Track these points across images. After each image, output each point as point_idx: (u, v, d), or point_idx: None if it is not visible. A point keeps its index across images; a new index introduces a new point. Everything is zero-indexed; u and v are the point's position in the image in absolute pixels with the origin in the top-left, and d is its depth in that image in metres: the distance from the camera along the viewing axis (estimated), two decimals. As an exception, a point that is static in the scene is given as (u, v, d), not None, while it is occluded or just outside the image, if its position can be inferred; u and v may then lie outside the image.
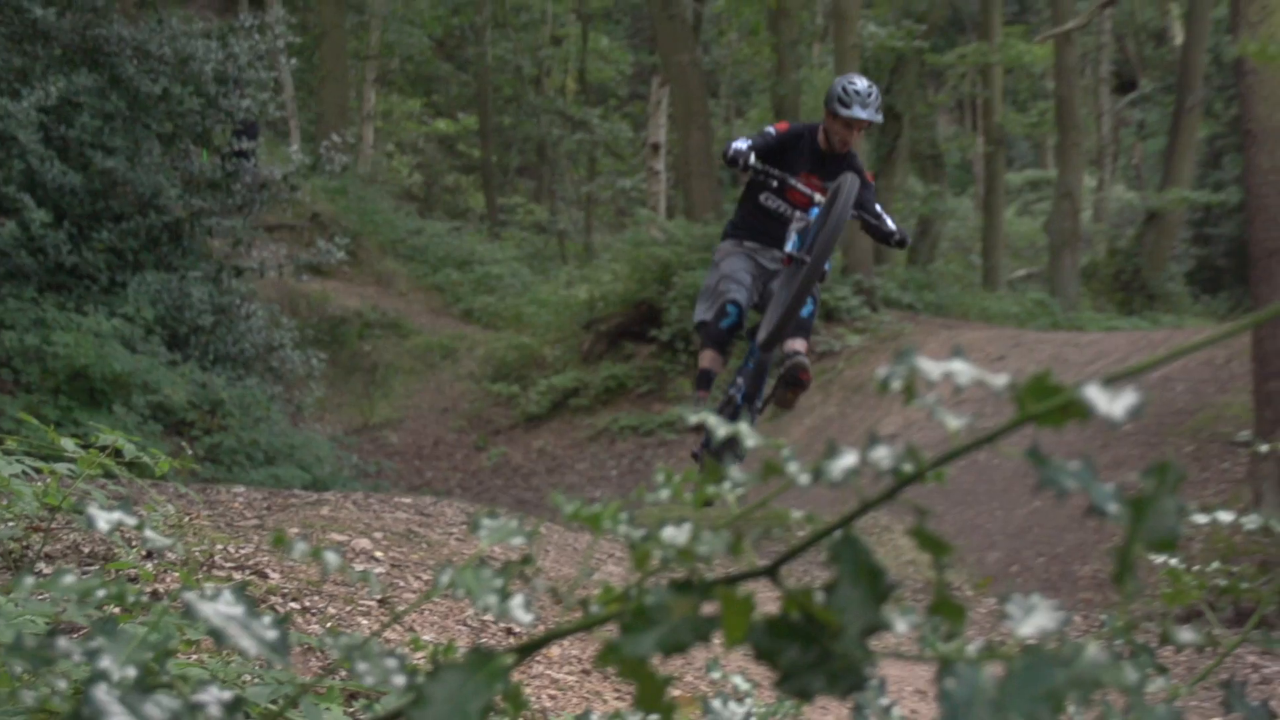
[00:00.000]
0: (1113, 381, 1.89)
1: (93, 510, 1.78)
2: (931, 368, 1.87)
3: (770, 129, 8.73)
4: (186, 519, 7.52)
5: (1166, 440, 17.01)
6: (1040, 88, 37.77)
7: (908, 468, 1.82)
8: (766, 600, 1.40)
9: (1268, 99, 14.10)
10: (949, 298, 26.74)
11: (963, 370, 1.93)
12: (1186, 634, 2.23)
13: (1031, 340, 22.15)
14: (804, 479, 1.89)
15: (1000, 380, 1.95)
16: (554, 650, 6.15)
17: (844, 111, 8.25)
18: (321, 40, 28.41)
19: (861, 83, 8.34)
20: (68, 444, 5.02)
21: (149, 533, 1.99)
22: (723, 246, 9.08)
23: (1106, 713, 1.57)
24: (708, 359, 8.77)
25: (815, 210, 8.58)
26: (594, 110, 38.86)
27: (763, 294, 9.00)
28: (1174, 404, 17.39)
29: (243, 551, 6.94)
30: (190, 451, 9.85)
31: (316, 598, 6.36)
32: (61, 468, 5.15)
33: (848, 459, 1.86)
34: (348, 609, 6.20)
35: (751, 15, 32.10)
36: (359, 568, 7.46)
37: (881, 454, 1.82)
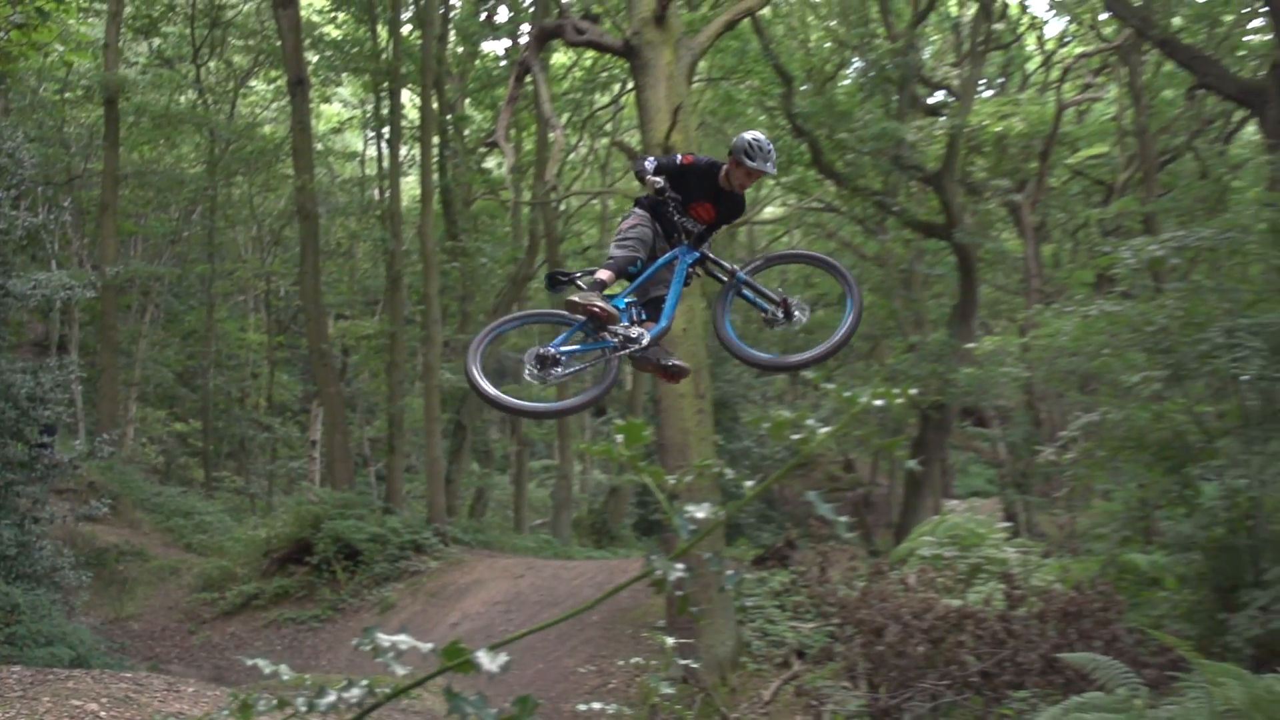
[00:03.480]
0: (496, 646, 2.00)
1: None
2: (384, 639, 1.96)
3: (678, 157, 7.06)
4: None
5: (617, 625, 17.22)
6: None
7: (369, 701, 1.91)
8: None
9: (672, 424, 14.58)
10: (493, 537, 26.74)
11: (404, 640, 2.02)
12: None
13: (540, 564, 22.28)
14: (303, 709, 1.94)
15: (427, 646, 2.04)
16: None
17: (750, 163, 6.77)
18: (101, 373, 27.64)
19: (765, 141, 6.88)
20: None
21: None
22: (639, 213, 7.08)
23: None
24: (607, 276, 6.73)
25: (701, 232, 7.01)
26: (276, 419, 38.50)
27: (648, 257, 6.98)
28: (621, 604, 17.61)
29: (6, 715, 6.68)
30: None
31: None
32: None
33: (330, 698, 1.92)
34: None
35: (376, 364, 32.20)
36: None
37: (354, 693, 1.90)
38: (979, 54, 26.97)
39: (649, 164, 6.83)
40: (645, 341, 6.58)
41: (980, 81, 28.70)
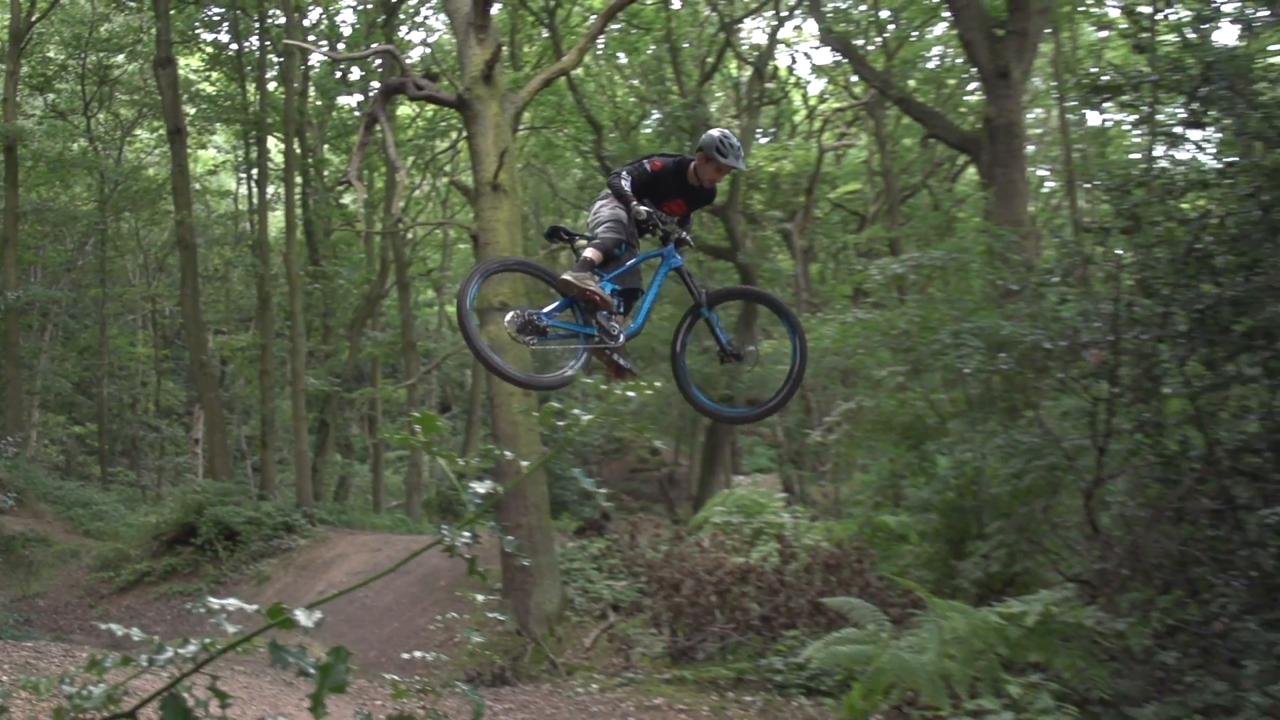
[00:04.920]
0: (314, 605, 1.95)
1: None
2: (215, 602, 1.90)
3: (647, 165, 6.12)
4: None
5: (462, 587, 17.01)
6: (402, 410, 37.74)
7: (203, 654, 1.86)
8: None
9: (504, 418, 14.50)
10: (354, 517, 26.22)
11: (234, 602, 1.96)
12: None
13: (395, 539, 21.98)
14: (161, 662, 1.88)
15: (252, 608, 1.98)
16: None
17: (721, 160, 5.96)
18: (6, 385, 26.46)
19: (733, 137, 6.09)
20: None
21: None
22: (612, 198, 6.09)
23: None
24: (596, 256, 5.82)
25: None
26: (164, 421, 37.39)
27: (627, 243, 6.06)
28: (465, 570, 17.35)
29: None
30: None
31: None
32: None
33: (169, 653, 1.86)
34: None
35: (250, 372, 31.40)
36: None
37: (190, 649, 1.84)
38: (755, 107, 27.49)
39: (625, 182, 6.01)
40: (621, 341, 5.91)
41: (757, 130, 29.24)
